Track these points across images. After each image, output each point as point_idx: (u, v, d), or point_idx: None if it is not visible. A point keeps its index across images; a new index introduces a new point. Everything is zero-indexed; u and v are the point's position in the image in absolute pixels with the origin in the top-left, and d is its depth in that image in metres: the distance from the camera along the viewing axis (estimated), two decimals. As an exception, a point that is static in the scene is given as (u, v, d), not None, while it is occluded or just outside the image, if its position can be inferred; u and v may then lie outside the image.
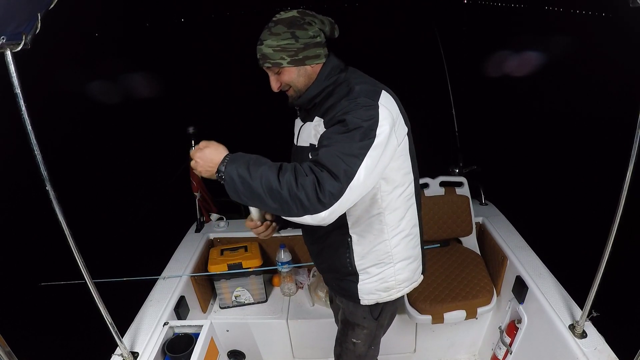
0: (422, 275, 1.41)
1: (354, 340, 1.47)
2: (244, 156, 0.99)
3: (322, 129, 1.11)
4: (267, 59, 1.14)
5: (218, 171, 0.99)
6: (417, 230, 1.32)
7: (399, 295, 1.34)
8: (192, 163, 1.03)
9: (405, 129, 1.15)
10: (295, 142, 1.31)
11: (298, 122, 1.31)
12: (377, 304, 1.37)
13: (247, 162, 0.97)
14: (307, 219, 0.96)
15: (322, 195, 0.92)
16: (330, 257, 1.32)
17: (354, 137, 0.98)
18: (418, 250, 1.35)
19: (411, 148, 1.21)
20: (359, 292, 1.32)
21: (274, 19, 1.13)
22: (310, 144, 1.18)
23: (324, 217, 0.95)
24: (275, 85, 1.20)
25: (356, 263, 1.27)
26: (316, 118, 1.16)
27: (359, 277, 1.29)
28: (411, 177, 1.23)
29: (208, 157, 1.00)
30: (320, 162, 0.96)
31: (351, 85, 1.10)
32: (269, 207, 0.97)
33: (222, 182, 0.99)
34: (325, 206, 0.93)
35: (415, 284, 1.38)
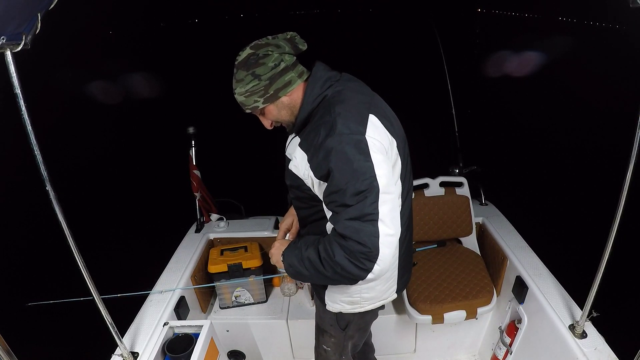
0: (395, 294, 1.36)
1: (325, 347, 1.50)
2: (294, 247, 1.14)
3: (304, 163, 1.07)
4: (245, 106, 1.13)
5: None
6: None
7: (362, 310, 1.32)
8: (272, 259, 1.24)
9: (397, 154, 1.11)
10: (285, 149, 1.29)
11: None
12: (342, 315, 1.36)
13: (295, 250, 1.12)
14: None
15: (359, 263, 0.96)
16: None
17: (358, 196, 0.96)
18: (392, 272, 1.29)
19: (404, 170, 1.16)
20: (325, 297, 1.32)
21: (235, 63, 1.09)
22: (289, 159, 1.15)
23: (377, 274, 0.98)
24: (267, 125, 1.20)
25: None
26: (297, 142, 1.11)
27: None
28: (399, 201, 1.15)
29: (275, 252, 1.23)
30: (342, 235, 0.97)
31: (334, 117, 1.01)
32: (324, 282, 1.18)
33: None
34: (367, 270, 0.97)
35: (384, 302, 1.34)
